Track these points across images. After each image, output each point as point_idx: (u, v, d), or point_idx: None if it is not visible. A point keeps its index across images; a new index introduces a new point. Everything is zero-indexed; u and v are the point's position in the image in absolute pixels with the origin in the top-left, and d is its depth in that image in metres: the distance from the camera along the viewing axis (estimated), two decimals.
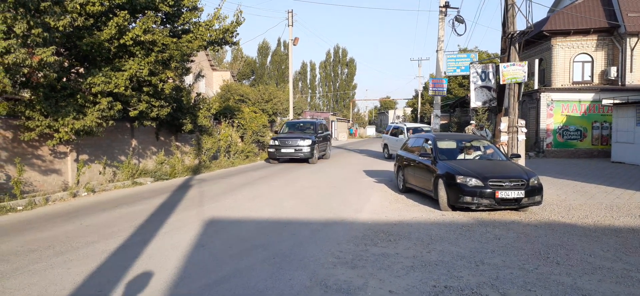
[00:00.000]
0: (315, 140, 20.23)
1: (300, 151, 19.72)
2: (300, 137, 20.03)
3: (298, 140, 19.89)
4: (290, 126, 22.82)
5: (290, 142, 19.95)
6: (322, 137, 22.00)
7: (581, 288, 4.93)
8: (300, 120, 25.13)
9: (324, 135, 22.66)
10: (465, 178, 8.92)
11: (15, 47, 9.00)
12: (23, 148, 11.69)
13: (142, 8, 13.13)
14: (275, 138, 20.39)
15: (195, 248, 6.59)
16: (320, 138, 21.54)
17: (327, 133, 23.85)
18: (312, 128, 21.79)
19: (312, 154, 19.84)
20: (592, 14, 25.02)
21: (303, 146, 19.78)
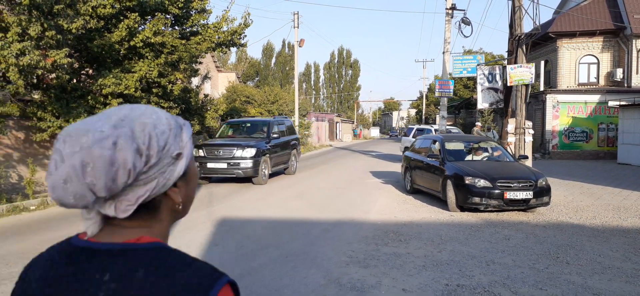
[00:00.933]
0: (264, 149, 13.71)
1: (236, 165, 13.11)
2: (239, 145, 13.32)
3: (234, 149, 13.26)
4: (234, 127, 16.24)
5: (221, 152, 13.41)
6: (279, 145, 15.09)
7: (592, 287, 5.01)
8: (246, 119, 18.39)
9: (283, 141, 15.52)
10: (474, 179, 9.00)
11: (30, 49, 9.15)
12: (35, 148, 11.85)
13: (151, 10, 13.28)
14: (203, 146, 13.80)
15: (209, 247, 6.71)
16: (276, 146, 14.80)
17: (293, 138, 16.67)
18: (264, 130, 15.11)
19: (257, 171, 13.20)
20: (597, 16, 25.04)
21: (241, 159, 13.12)
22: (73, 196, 0.83)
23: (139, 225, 0.90)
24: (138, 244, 0.87)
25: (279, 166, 15.18)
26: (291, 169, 16.31)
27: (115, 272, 0.83)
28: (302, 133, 31.83)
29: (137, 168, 0.84)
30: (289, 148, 16.03)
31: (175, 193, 0.92)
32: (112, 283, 0.82)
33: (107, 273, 0.83)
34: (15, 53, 8.95)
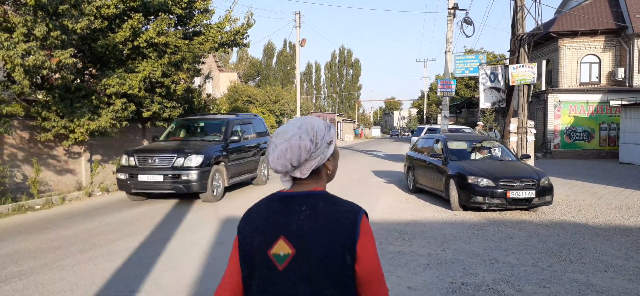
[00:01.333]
0: (217, 155, 10.80)
1: (176, 178, 10.02)
2: (180, 151, 10.30)
3: (174, 157, 10.19)
4: (184, 128, 13.00)
5: (157, 160, 10.28)
6: (242, 149, 12.20)
7: (595, 285, 5.06)
8: (199, 117, 13.83)
9: (248, 145, 12.62)
10: (477, 178, 9.05)
11: (35, 50, 9.21)
12: (39, 148, 11.91)
13: (155, 10, 13.34)
14: (134, 152, 10.63)
15: (215, 245, 6.77)
16: (238, 151, 11.92)
17: (258, 142, 13.36)
18: (221, 131, 11.89)
19: (205, 185, 10.14)
20: (599, 15, 25.07)
21: (183, 170, 10.05)
22: (281, 166, 1.54)
23: (312, 182, 1.59)
24: (314, 191, 1.57)
25: (243, 175, 12.20)
26: (261, 179, 13.38)
27: (307, 204, 1.52)
28: None
29: (310, 150, 1.53)
30: (258, 153, 13.17)
31: (328, 164, 1.63)
32: (307, 210, 1.51)
33: (303, 205, 1.52)
34: (20, 53, 9.01)
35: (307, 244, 1.48)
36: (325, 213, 1.50)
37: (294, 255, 1.48)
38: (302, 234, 1.49)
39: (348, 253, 1.47)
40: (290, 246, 1.49)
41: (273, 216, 1.55)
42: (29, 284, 5.15)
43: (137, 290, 4.98)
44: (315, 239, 1.47)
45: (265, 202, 1.61)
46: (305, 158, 1.53)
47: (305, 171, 1.55)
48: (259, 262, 1.52)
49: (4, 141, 11.05)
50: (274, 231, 1.51)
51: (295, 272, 1.47)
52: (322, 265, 1.46)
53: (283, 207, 1.54)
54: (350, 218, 1.50)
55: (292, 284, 1.47)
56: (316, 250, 1.47)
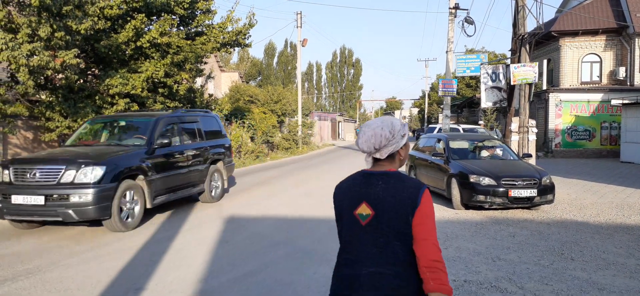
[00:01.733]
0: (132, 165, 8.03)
1: (62, 201, 7.12)
2: (72, 162, 7.39)
3: (64, 170, 7.28)
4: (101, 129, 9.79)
5: (38, 175, 7.39)
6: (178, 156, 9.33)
7: (596, 283, 5.11)
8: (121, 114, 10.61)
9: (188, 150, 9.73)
10: (479, 177, 9.09)
11: (40, 50, 9.28)
12: (43, 148, 11.98)
13: (157, 11, 13.42)
14: (12, 163, 7.82)
15: (220, 244, 6.82)
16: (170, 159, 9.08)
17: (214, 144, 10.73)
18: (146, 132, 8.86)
19: (107, 209, 7.31)
20: (600, 15, 25.08)
21: (74, 188, 7.16)
22: (367, 147, 2.07)
23: (387, 163, 2.12)
24: (389, 171, 2.09)
25: (180, 191, 9.22)
26: (209, 194, 10.16)
27: (383, 180, 2.05)
28: (306, 132, 31.94)
29: (389, 138, 2.05)
30: (205, 161, 10.07)
31: (401, 151, 2.14)
32: (383, 184, 2.03)
33: (380, 181, 2.05)
34: (25, 54, 9.08)
35: (383, 208, 2.02)
36: (395, 187, 2.04)
37: (373, 215, 2.05)
38: (379, 201, 2.03)
39: (410, 216, 2.00)
40: (371, 208, 2.05)
41: (358, 187, 2.12)
42: (36, 282, 5.21)
43: (143, 287, 5.03)
44: (389, 205, 2.02)
45: (353, 177, 2.19)
46: (384, 144, 2.07)
47: (384, 153, 2.09)
48: (347, 219, 2.13)
49: (8, 141, 11.13)
50: (359, 197, 2.09)
51: (373, 227, 2.04)
52: (391, 224, 2.01)
53: (366, 181, 2.11)
54: (414, 192, 2.01)
55: (370, 236, 2.05)
56: (388, 213, 2.01)
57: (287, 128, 30.14)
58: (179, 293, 4.88)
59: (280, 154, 26.70)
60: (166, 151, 8.85)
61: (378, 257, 2.02)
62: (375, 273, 2.01)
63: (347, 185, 2.17)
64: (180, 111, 10.42)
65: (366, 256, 2.04)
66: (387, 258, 2.01)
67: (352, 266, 2.08)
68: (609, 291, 4.87)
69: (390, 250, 2.01)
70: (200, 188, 10.02)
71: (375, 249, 2.03)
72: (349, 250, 2.11)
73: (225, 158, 11.15)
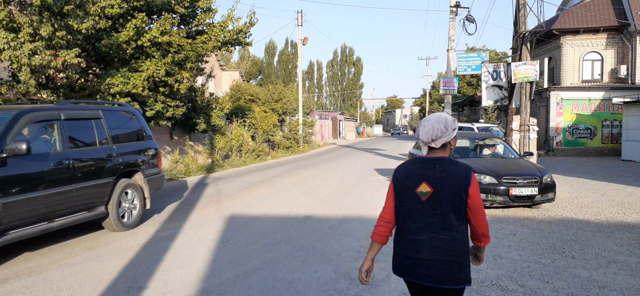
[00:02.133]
0: None
1: None
2: None
3: None
4: None
5: None
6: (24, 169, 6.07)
7: (597, 281, 5.11)
8: None
9: (57, 164, 6.55)
10: (480, 176, 9.09)
11: (41, 49, 9.30)
12: None
13: (158, 10, 13.43)
14: None
15: (221, 243, 6.83)
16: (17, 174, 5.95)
17: (112, 153, 7.68)
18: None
19: None
20: (601, 13, 25.05)
21: None
22: (426, 138, 2.62)
23: (441, 151, 2.64)
24: (443, 157, 2.63)
25: (60, 218, 6.58)
26: (117, 219, 7.56)
27: (439, 164, 2.59)
28: (306, 131, 31.94)
29: (443, 131, 2.60)
30: (109, 173, 7.52)
31: (452, 142, 2.69)
32: (439, 167, 2.58)
33: (437, 165, 2.59)
34: (27, 53, 9.10)
35: (440, 186, 2.58)
36: (450, 170, 2.61)
37: (432, 192, 2.60)
38: (438, 181, 2.59)
39: (463, 193, 2.57)
40: (430, 187, 2.60)
41: (418, 169, 2.67)
42: (38, 281, 5.22)
43: (144, 286, 5.05)
44: (446, 184, 2.58)
45: (412, 162, 2.73)
46: (439, 135, 2.63)
47: (438, 143, 2.64)
48: (409, 196, 2.67)
49: None
50: (419, 178, 2.64)
51: (432, 202, 2.60)
52: (448, 199, 2.57)
53: (425, 165, 2.66)
54: (466, 173, 2.59)
55: (430, 209, 2.61)
56: (445, 190, 2.58)
57: (288, 127, 30.15)
58: (180, 291, 4.89)
59: (281, 153, 26.71)
60: (28, 160, 6.14)
61: (437, 225, 2.59)
62: (435, 238, 2.59)
63: (408, 168, 2.74)
64: (67, 103, 7.83)
65: (427, 224, 2.61)
66: (444, 226, 2.59)
67: (415, 233, 2.64)
68: (610, 289, 4.87)
69: (447, 219, 2.58)
70: (99, 211, 7.25)
71: (435, 219, 2.59)
72: (411, 220, 2.67)
73: (146, 168, 8.44)
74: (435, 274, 2.59)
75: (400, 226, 2.74)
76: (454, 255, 2.57)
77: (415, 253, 2.63)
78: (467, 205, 2.59)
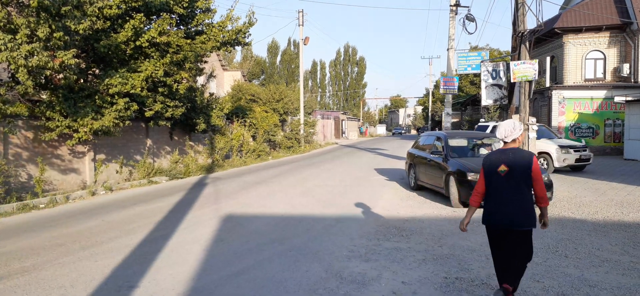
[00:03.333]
0: None
1: None
2: None
3: None
4: None
5: None
6: None
7: (588, 280, 5.09)
8: None
9: None
10: (477, 175, 9.06)
11: (39, 50, 9.34)
12: (43, 147, 12.05)
13: (157, 10, 13.45)
14: None
15: (215, 242, 6.85)
16: None
17: None
18: None
19: None
20: (604, 11, 24.92)
21: None
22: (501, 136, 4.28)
23: (512, 144, 4.25)
24: (515, 148, 4.24)
25: None
26: None
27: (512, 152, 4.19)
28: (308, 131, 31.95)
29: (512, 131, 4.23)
30: None
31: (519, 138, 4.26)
32: (511, 154, 4.17)
33: (510, 153, 4.19)
34: (24, 54, 9.14)
35: (513, 166, 4.05)
36: (519, 155, 4.11)
37: (508, 170, 4.06)
38: (511, 163, 4.06)
39: (529, 169, 4.03)
40: (506, 167, 4.07)
41: (498, 156, 4.17)
42: (30, 280, 5.25)
43: (135, 285, 5.07)
44: (517, 165, 4.05)
45: (494, 153, 4.25)
46: (509, 134, 4.17)
47: (509, 139, 4.18)
48: (493, 174, 4.16)
49: (8, 141, 11.20)
50: (499, 161, 4.13)
51: (508, 177, 4.07)
52: (519, 174, 4.04)
53: (502, 153, 4.17)
54: (529, 157, 4.08)
55: (506, 182, 4.08)
56: (517, 168, 4.04)
57: (289, 127, 30.16)
58: (170, 290, 4.90)
59: (282, 153, 26.73)
60: None
61: (512, 191, 4.11)
62: (511, 199, 4.11)
63: (491, 156, 4.29)
64: None
65: (506, 191, 4.13)
66: (516, 191, 4.10)
67: (498, 197, 4.17)
68: (600, 288, 4.85)
69: (518, 187, 4.09)
70: None
71: (511, 188, 4.11)
72: (495, 190, 4.19)
73: None
74: (511, 221, 4.10)
75: (489, 194, 4.26)
76: (523, 209, 4.07)
77: (499, 209, 4.15)
78: (531, 178, 4.07)
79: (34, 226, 8.21)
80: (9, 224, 8.45)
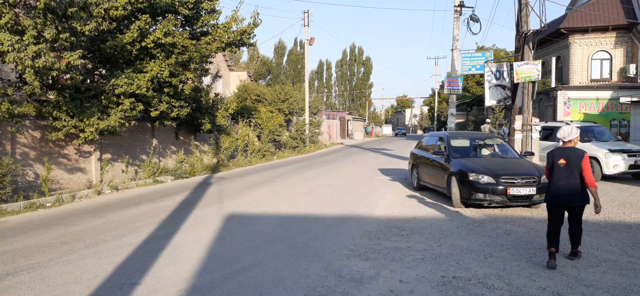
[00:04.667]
0: None
1: None
2: None
3: None
4: None
5: None
6: None
7: (584, 279, 5.13)
8: None
9: None
10: (478, 175, 9.10)
11: (45, 51, 9.47)
12: (50, 147, 12.21)
13: (162, 11, 13.57)
14: None
15: (217, 241, 6.94)
16: None
17: None
18: None
19: None
20: (610, 12, 24.81)
21: None
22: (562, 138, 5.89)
23: (569, 144, 5.86)
24: (570, 146, 5.86)
25: None
26: None
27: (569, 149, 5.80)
28: (313, 131, 32.03)
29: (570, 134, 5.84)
30: None
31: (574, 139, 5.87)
32: (568, 151, 5.79)
33: (567, 150, 5.80)
34: (31, 55, 9.27)
35: (570, 159, 5.66)
36: (574, 152, 5.71)
37: (565, 163, 5.67)
38: (568, 157, 5.69)
39: (580, 161, 5.62)
40: (565, 160, 5.69)
41: (559, 152, 5.80)
42: (35, 277, 5.37)
43: (138, 282, 5.17)
44: (572, 158, 5.66)
45: (557, 148, 5.90)
46: (567, 136, 5.82)
47: (567, 139, 5.81)
48: (556, 165, 5.75)
49: (16, 141, 11.36)
50: (560, 156, 5.76)
51: (566, 167, 5.67)
52: (573, 165, 5.63)
53: (562, 150, 5.81)
54: (581, 154, 5.67)
55: (564, 172, 5.68)
56: (572, 161, 5.64)
57: (295, 127, 30.25)
58: (172, 287, 5.00)
59: (287, 153, 26.83)
60: None
61: (568, 177, 5.61)
62: (567, 184, 5.61)
63: (554, 152, 5.82)
64: None
65: (564, 177, 5.64)
66: (571, 177, 5.60)
67: (559, 181, 5.67)
68: (596, 287, 4.89)
69: (573, 175, 5.59)
70: None
71: (567, 175, 5.61)
72: (556, 178, 5.69)
73: None
74: (568, 199, 5.65)
75: (551, 179, 5.81)
76: (576, 190, 5.61)
77: (559, 190, 5.69)
78: (581, 169, 5.57)
79: (41, 225, 8.34)
80: (16, 223, 8.60)
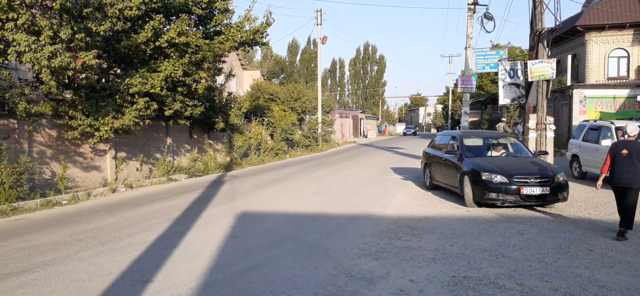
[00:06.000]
0: None
1: None
2: None
3: None
4: None
5: None
6: None
7: (598, 280, 5.08)
8: None
9: None
10: (491, 175, 9.04)
11: (61, 51, 9.62)
12: (66, 145, 12.40)
13: (176, 11, 13.69)
14: None
15: (229, 239, 7.00)
16: None
17: None
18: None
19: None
20: (627, 9, 24.43)
21: None
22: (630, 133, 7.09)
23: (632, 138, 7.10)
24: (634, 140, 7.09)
25: None
26: None
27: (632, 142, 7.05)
28: (325, 130, 32.06)
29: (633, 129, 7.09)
30: None
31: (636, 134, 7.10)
32: (631, 143, 7.03)
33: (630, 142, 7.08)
34: (47, 55, 9.43)
35: (631, 150, 6.91)
36: (635, 144, 6.94)
37: (628, 153, 6.91)
38: (630, 147, 6.94)
39: None
40: (627, 151, 6.93)
41: (622, 144, 7.08)
42: (50, 273, 5.47)
43: (150, 279, 5.24)
44: (633, 150, 6.90)
45: (620, 141, 7.19)
46: (633, 132, 7.02)
47: (632, 134, 7.04)
48: (619, 155, 6.99)
49: (33, 139, 11.56)
50: (623, 147, 7.00)
51: (628, 157, 6.91)
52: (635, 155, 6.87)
53: (625, 142, 7.07)
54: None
55: (627, 160, 6.91)
56: (633, 151, 6.89)
57: (307, 126, 30.31)
58: (184, 285, 5.06)
59: (299, 151, 26.89)
60: None
61: (629, 165, 6.87)
62: (628, 170, 6.87)
63: (618, 144, 7.16)
64: None
65: (626, 165, 6.89)
66: (632, 164, 6.85)
67: (621, 168, 6.94)
68: (609, 288, 4.84)
69: (633, 162, 6.84)
70: None
71: (629, 163, 6.87)
72: (619, 165, 6.95)
73: None
74: (629, 182, 6.82)
75: (615, 167, 6.97)
76: (637, 175, 6.78)
77: (621, 176, 6.88)
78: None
79: (56, 222, 8.49)
80: (32, 220, 8.76)
